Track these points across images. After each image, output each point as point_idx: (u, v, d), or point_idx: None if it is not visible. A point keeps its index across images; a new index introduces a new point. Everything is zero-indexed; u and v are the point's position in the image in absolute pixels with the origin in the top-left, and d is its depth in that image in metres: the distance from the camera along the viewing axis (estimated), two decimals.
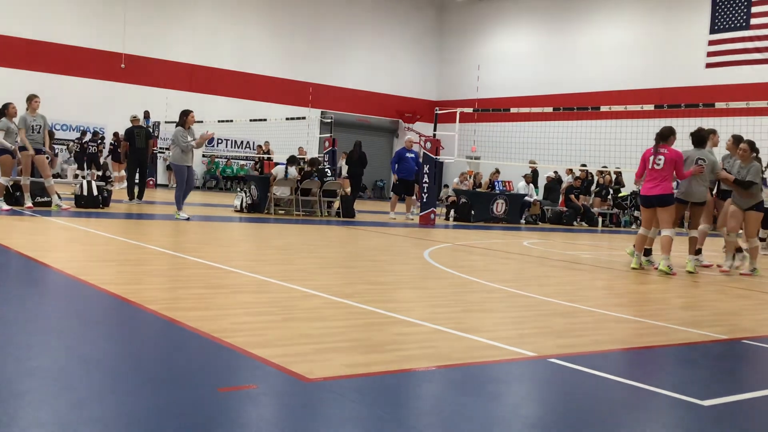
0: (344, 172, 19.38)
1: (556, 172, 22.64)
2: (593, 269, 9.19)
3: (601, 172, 22.09)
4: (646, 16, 26.49)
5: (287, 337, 4.21)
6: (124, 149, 16.78)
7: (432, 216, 15.95)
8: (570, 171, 21.91)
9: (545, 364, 4.00)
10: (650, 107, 15.05)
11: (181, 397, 3.05)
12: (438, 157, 16.38)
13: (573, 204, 20.86)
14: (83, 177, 20.01)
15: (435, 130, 17.50)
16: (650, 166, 9.06)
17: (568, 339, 4.68)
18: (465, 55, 33.03)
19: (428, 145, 16.18)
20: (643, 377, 3.93)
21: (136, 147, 15.84)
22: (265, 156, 23.89)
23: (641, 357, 4.46)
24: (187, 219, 12.13)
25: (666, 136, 9.10)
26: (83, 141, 22.49)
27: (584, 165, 21.25)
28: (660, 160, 8.98)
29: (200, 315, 4.58)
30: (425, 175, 16.05)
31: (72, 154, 23.53)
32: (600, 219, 21.08)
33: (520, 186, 20.81)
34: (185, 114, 12.48)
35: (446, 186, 24.87)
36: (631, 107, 15.62)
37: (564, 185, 21.70)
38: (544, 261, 9.95)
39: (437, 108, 19.60)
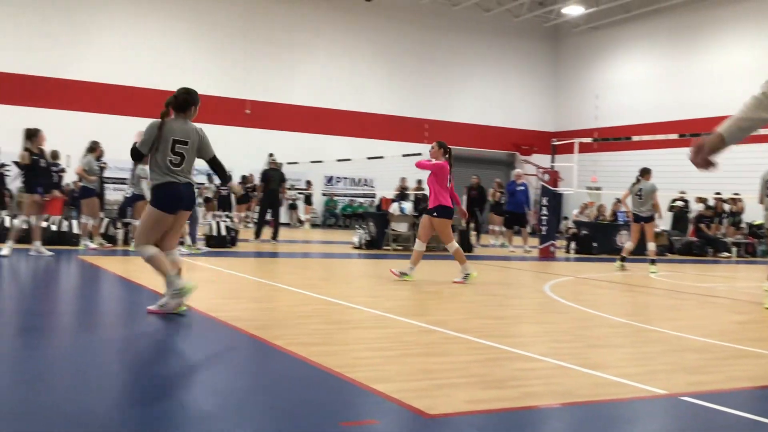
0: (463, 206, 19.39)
1: (684, 200, 21.65)
2: (729, 302, 8.68)
3: (733, 200, 20.91)
4: None
5: (407, 372, 4.22)
6: (260, 190, 17.10)
7: (551, 249, 15.60)
8: (700, 199, 20.90)
9: (676, 402, 3.80)
10: None
11: (305, 430, 3.13)
12: (557, 189, 16.08)
13: (704, 234, 19.83)
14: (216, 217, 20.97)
15: (553, 161, 17.20)
16: None
17: (702, 376, 4.43)
18: (582, 84, 32.40)
19: (546, 176, 15.90)
20: None
21: (270, 188, 16.20)
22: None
23: None
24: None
25: None
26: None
27: (719, 193, 20.18)
28: None
29: (322, 350, 4.68)
30: (544, 208, 15.77)
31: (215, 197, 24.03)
32: (735, 249, 19.90)
33: None
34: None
35: (566, 218, 24.30)
36: (764, 131, 14.75)
37: (694, 214, 20.72)
38: (673, 294, 9.49)
39: (554, 139, 19.28)
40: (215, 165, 6.03)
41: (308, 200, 27.17)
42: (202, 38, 26.77)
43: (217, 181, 24.04)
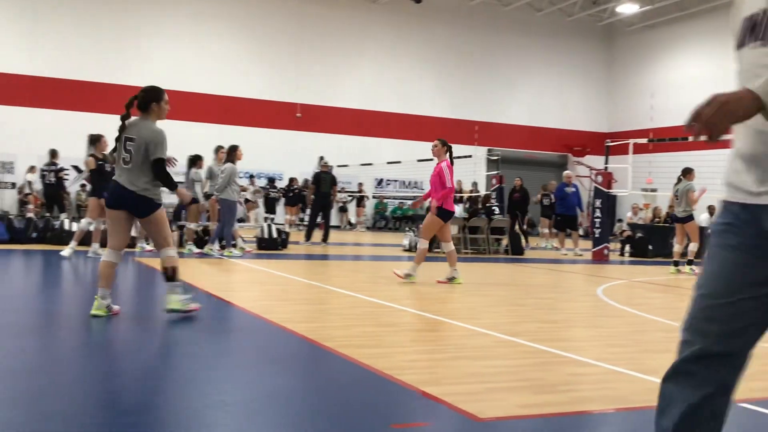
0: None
1: None
2: None
3: None
4: None
5: (457, 375, 4.21)
6: (311, 192, 17.24)
7: (605, 251, 15.35)
8: None
9: (735, 409, 3.69)
10: None
11: None
12: (610, 191, 15.80)
13: None
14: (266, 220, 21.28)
15: (606, 162, 16.92)
16: None
17: (761, 382, 4.29)
18: (637, 83, 31.81)
19: (599, 178, 15.65)
20: None
21: (321, 192, 16.28)
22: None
23: None
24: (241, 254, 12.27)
25: None
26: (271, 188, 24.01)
27: None
28: None
29: (373, 352, 4.70)
30: (597, 210, 15.52)
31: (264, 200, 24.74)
32: None
33: (703, 218, 19.52)
34: (234, 149, 12.29)
35: (620, 220, 23.86)
36: None
37: None
38: None
39: (608, 140, 18.97)
40: (156, 169, 5.76)
41: (360, 202, 27.33)
42: (255, 44, 27.15)
43: (258, 182, 24.38)
